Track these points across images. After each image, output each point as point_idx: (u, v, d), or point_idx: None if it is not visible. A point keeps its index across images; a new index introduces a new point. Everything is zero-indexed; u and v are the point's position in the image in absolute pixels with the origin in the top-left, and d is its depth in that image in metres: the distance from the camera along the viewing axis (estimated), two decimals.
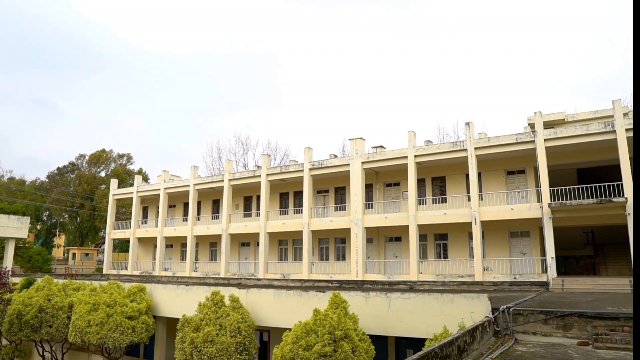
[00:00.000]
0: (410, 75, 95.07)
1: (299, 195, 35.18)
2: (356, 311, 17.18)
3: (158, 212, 41.64)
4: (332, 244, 33.76)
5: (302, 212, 32.77)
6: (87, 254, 58.61)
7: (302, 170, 32.80)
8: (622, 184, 23.50)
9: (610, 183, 24.42)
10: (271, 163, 45.29)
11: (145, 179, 67.42)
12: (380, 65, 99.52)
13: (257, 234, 34.66)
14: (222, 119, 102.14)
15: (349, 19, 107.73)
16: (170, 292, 25.61)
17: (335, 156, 35.30)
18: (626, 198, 22.93)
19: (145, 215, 45.81)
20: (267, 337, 25.24)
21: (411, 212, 28.04)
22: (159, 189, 41.16)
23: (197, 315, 20.62)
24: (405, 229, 28.55)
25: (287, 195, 36.64)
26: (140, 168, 73.07)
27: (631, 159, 24.43)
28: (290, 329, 16.61)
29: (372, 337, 17.16)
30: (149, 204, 45.54)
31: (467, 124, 27.29)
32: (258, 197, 37.12)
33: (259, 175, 34.93)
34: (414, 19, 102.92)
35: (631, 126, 23.61)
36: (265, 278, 31.57)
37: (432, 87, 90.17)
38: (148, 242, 44.33)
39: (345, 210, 32.33)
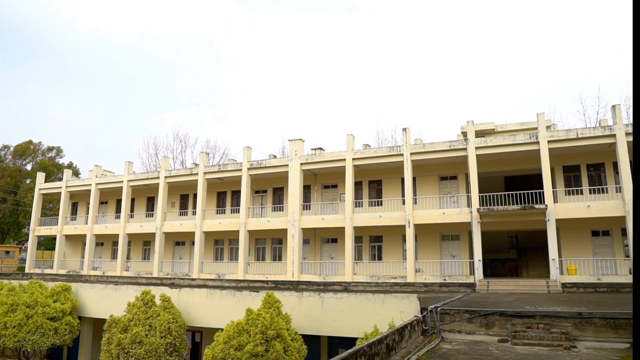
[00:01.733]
0: (353, 79, 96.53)
1: (236, 194, 34.81)
2: (289, 311, 17.27)
3: (89, 208, 39.86)
4: (269, 244, 33.69)
5: (239, 212, 32.48)
6: (7, 252, 54.98)
7: (240, 170, 32.52)
8: (543, 192, 25.04)
9: (533, 191, 25.92)
10: (210, 161, 44.51)
11: (76, 173, 64.27)
12: (323, 68, 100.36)
13: (193, 233, 33.98)
14: (162, 114, 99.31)
15: (294, 21, 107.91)
16: (98, 292, 24.62)
17: (275, 156, 35.24)
18: (546, 205, 24.44)
19: (74, 212, 43.69)
20: (199, 337, 24.82)
21: (348, 214, 28.50)
22: (90, 184, 39.40)
23: (125, 315, 19.98)
24: (341, 230, 28.97)
25: (225, 194, 36.19)
26: (71, 162, 69.56)
27: (554, 167, 26.14)
28: (222, 329, 16.46)
29: (305, 336, 17.30)
30: (79, 199, 43.47)
31: (404, 129, 28.10)
32: (195, 196, 36.39)
33: (197, 173, 34.28)
34: (357, 24, 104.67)
35: (552, 138, 25.26)
36: (199, 278, 30.99)
37: (374, 91, 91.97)
38: (77, 240, 42.30)
39: (282, 210, 32.35)
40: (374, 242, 30.64)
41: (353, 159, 28.93)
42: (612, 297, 19.86)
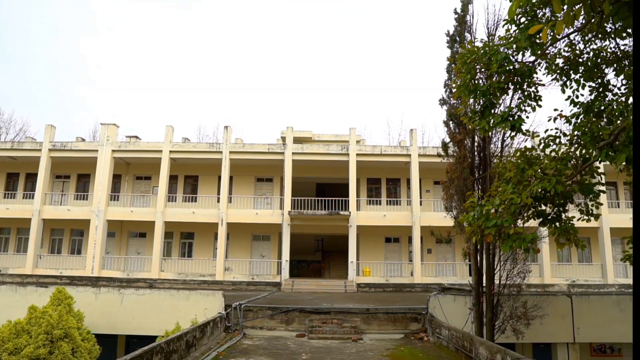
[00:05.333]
0: (180, 73, 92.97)
1: (32, 177, 30.70)
2: (84, 308, 15.90)
3: None
4: (67, 235, 30.42)
5: (33, 197, 28.71)
6: None
7: (39, 150, 28.79)
8: (348, 200, 27.36)
9: (340, 198, 28.12)
10: (2, 137, 38.63)
11: None
12: (152, 59, 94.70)
13: None
14: None
15: (132, 11, 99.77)
16: None
17: (83, 139, 32.09)
18: (350, 212, 26.76)
19: None
20: None
21: (159, 208, 27.33)
22: None
23: None
24: (151, 224, 27.63)
25: (17, 176, 31.63)
26: None
27: (360, 178, 28.74)
28: None
29: (100, 336, 16.10)
30: None
31: (226, 127, 28.10)
32: None
33: None
34: (191, 20, 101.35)
35: (361, 152, 27.84)
36: None
37: (199, 87, 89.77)
38: None
39: (87, 199, 29.55)
40: (185, 238, 29.89)
41: (170, 151, 27.90)
42: (396, 295, 22.63)
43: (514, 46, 9.82)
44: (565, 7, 4.53)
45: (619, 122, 10.14)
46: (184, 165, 29.55)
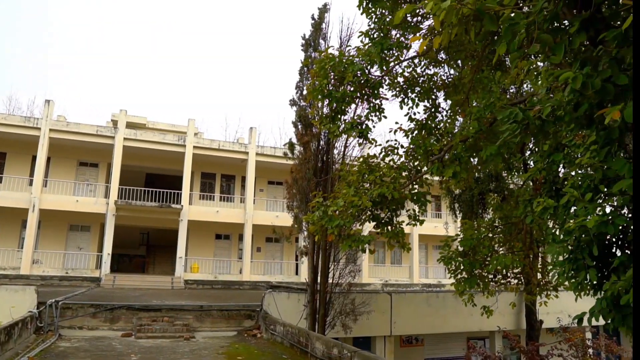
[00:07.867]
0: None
1: None
2: None
3: None
4: None
5: None
6: None
7: None
8: (181, 193, 26.31)
9: (173, 190, 26.86)
10: None
11: None
12: None
13: None
14: None
15: None
16: None
17: None
18: (182, 205, 25.77)
19: None
20: None
21: None
22: None
23: None
24: None
25: None
26: None
27: (194, 171, 27.83)
28: None
29: None
30: None
31: (47, 101, 24.76)
32: None
33: None
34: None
35: (198, 145, 27.07)
36: None
37: (14, 51, 77.23)
38: None
39: None
40: None
41: None
42: (225, 292, 22.47)
43: (368, 58, 10.58)
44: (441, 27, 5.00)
45: (446, 140, 11.52)
46: None
